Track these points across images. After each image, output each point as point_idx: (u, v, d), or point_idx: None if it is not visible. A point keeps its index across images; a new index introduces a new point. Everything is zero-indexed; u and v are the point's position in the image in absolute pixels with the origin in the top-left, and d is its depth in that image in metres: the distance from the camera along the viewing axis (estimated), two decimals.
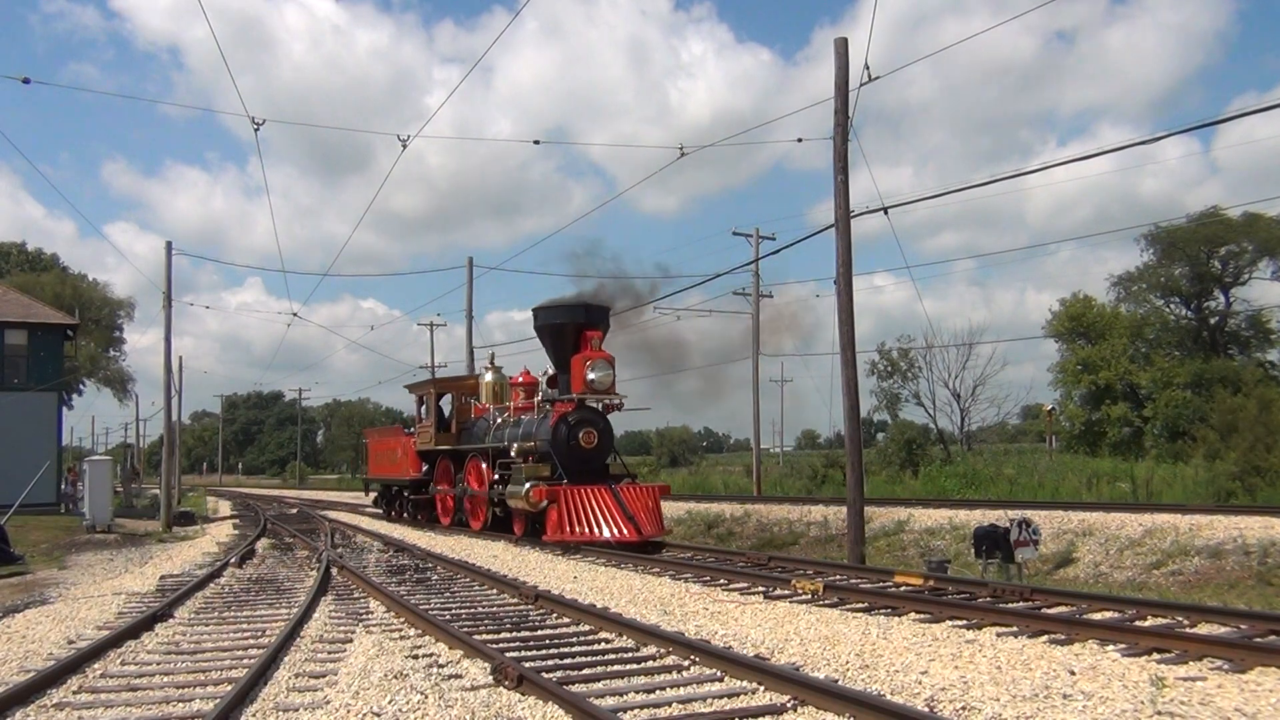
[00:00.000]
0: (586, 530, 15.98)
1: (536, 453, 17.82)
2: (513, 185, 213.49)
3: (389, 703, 6.00)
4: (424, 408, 23.31)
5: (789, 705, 5.75)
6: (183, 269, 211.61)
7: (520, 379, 20.60)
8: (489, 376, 22.28)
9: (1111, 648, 7.21)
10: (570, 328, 18.18)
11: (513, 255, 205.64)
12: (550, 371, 18.67)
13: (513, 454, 18.01)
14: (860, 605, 9.54)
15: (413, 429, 24.41)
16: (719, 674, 6.57)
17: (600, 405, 18.05)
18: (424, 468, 23.75)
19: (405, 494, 25.31)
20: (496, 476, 18.89)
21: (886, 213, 15.76)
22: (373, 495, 30.65)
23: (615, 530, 15.85)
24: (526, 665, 6.74)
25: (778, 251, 44.31)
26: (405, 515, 25.77)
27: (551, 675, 6.52)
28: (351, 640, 8.29)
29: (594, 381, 17.53)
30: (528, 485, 16.87)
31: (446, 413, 23.30)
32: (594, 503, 16.30)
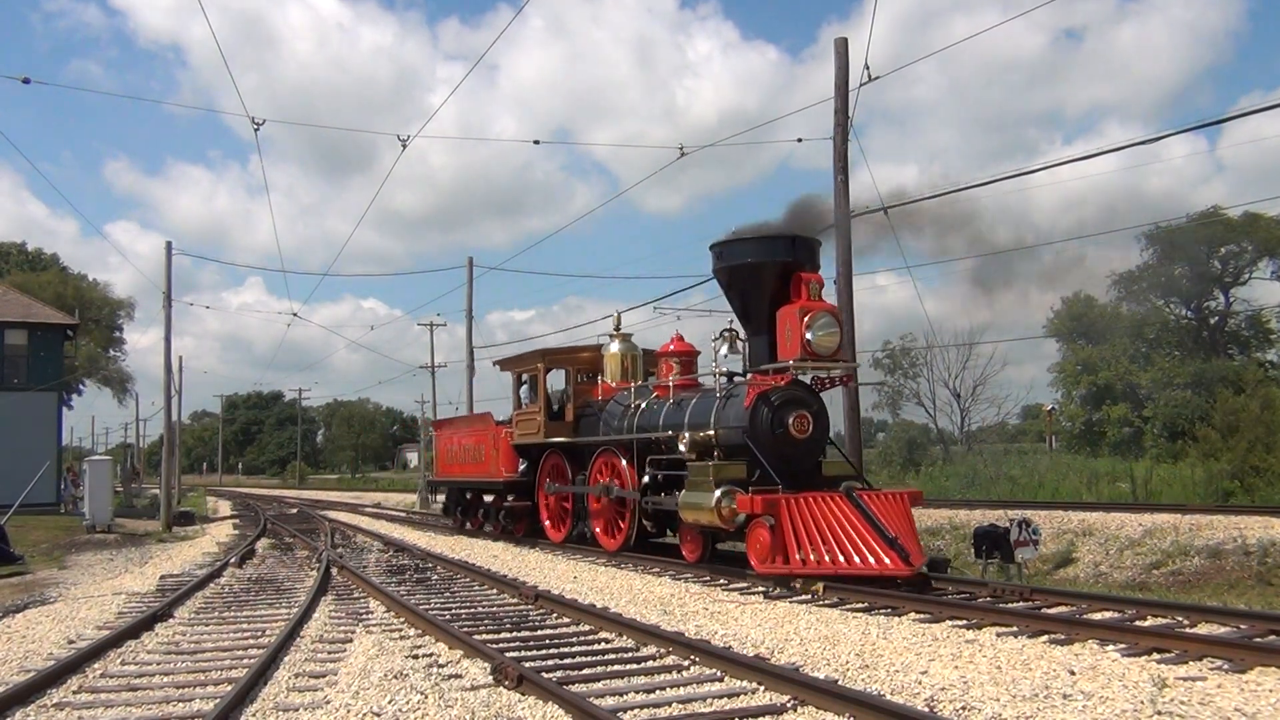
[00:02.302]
0: (827, 559, 10.57)
1: (722, 446, 12.63)
2: (516, 184, 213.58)
3: (389, 703, 6.01)
4: (525, 389, 17.75)
5: (789, 705, 5.76)
6: (184, 268, 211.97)
7: (671, 346, 15.42)
8: (615, 346, 16.78)
9: (1111, 648, 7.21)
10: (770, 269, 12.53)
11: (512, 255, 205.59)
12: (728, 334, 13.48)
13: (681, 447, 12.75)
14: (860, 605, 9.54)
15: (504, 418, 18.97)
16: (719, 674, 6.57)
17: (810, 379, 12.82)
18: (522, 466, 18.16)
19: (494, 499, 19.66)
20: (647, 479, 13.91)
21: (886, 213, 15.76)
22: (439, 501, 24.61)
23: (873, 559, 10.41)
24: (526, 665, 6.74)
25: None
26: (490, 526, 19.88)
27: (551, 675, 6.52)
28: (351, 640, 8.29)
29: (815, 344, 12.08)
30: (720, 493, 11.51)
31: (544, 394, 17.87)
32: (834, 518, 10.83)
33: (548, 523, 17.20)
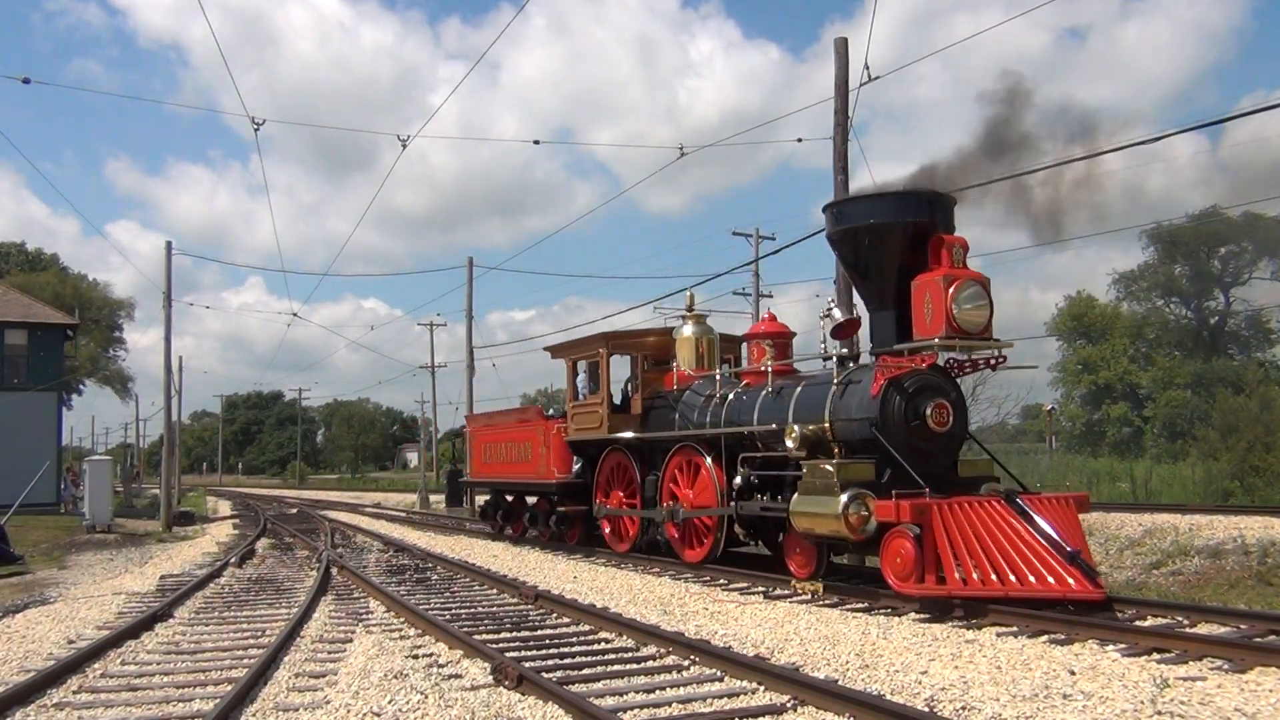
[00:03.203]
0: (994, 578, 8.66)
1: (840, 441, 10.68)
2: (517, 184, 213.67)
3: (389, 703, 6.01)
4: (582, 378, 15.63)
5: (789, 705, 5.76)
6: (184, 268, 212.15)
7: (762, 327, 13.18)
8: (689, 329, 14.56)
9: (1111, 648, 7.21)
10: (901, 231, 10.44)
11: (513, 255, 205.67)
12: (835, 313, 11.35)
13: (789, 444, 10.67)
14: (860, 605, 9.55)
15: (553, 411, 17.38)
16: (719, 674, 6.57)
17: (945, 362, 10.64)
18: (576, 465, 15.97)
19: (539, 502, 17.43)
20: (740, 480, 11.67)
21: None
22: (478, 504, 22.08)
23: (1052, 579, 8.58)
24: (526, 665, 6.74)
25: (777, 251, 44.29)
26: (536, 533, 17.59)
27: (551, 675, 6.52)
28: (351, 640, 8.29)
29: (962, 319, 9.97)
30: (848, 497, 9.57)
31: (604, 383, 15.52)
32: (998, 529, 8.96)
33: (608, 530, 14.92)
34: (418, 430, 75.48)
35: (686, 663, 6.97)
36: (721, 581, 11.53)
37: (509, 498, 18.85)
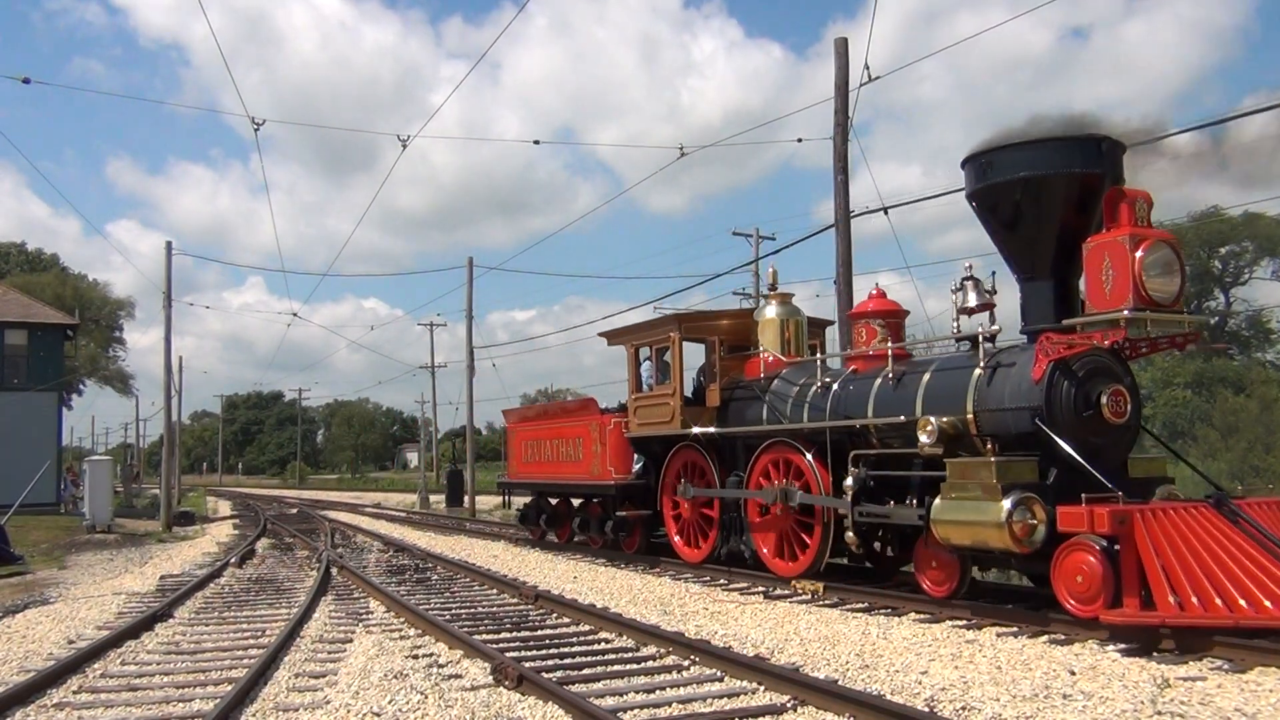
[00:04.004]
0: (1220, 603, 7.09)
1: (988, 435, 8.90)
2: (519, 183, 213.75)
3: (389, 703, 6.01)
4: (647, 366, 13.85)
5: (789, 705, 5.76)
6: (185, 268, 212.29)
7: (870, 305, 11.24)
8: (773, 310, 12.69)
9: (1111, 648, 7.21)
10: (1066, 184, 8.83)
11: (514, 255, 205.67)
12: (972, 282, 9.76)
13: (924, 439, 9.11)
14: (860, 605, 9.54)
15: (612, 405, 15.04)
16: (719, 674, 6.57)
17: (1108, 343, 8.73)
18: (637, 465, 14.26)
19: (594, 507, 15.42)
20: (853, 482, 9.97)
21: (887, 213, 15.74)
22: (519, 507, 19.49)
23: None
24: (526, 665, 6.74)
25: (777, 252, 44.22)
26: (588, 539, 15.49)
27: (551, 675, 6.52)
28: (351, 640, 8.30)
29: (1153, 289, 8.36)
30: (1012, 502, 7.96)
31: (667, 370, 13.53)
32: (1214, 542, 7.43)
33: (678, 537, 13.09)
34: (418, 430, 75.51)
35: (686, 663, 6.98)
36: (721, 581, 11.53)
37: (553, 501, 17.01)
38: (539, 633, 8.52)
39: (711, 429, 12.41)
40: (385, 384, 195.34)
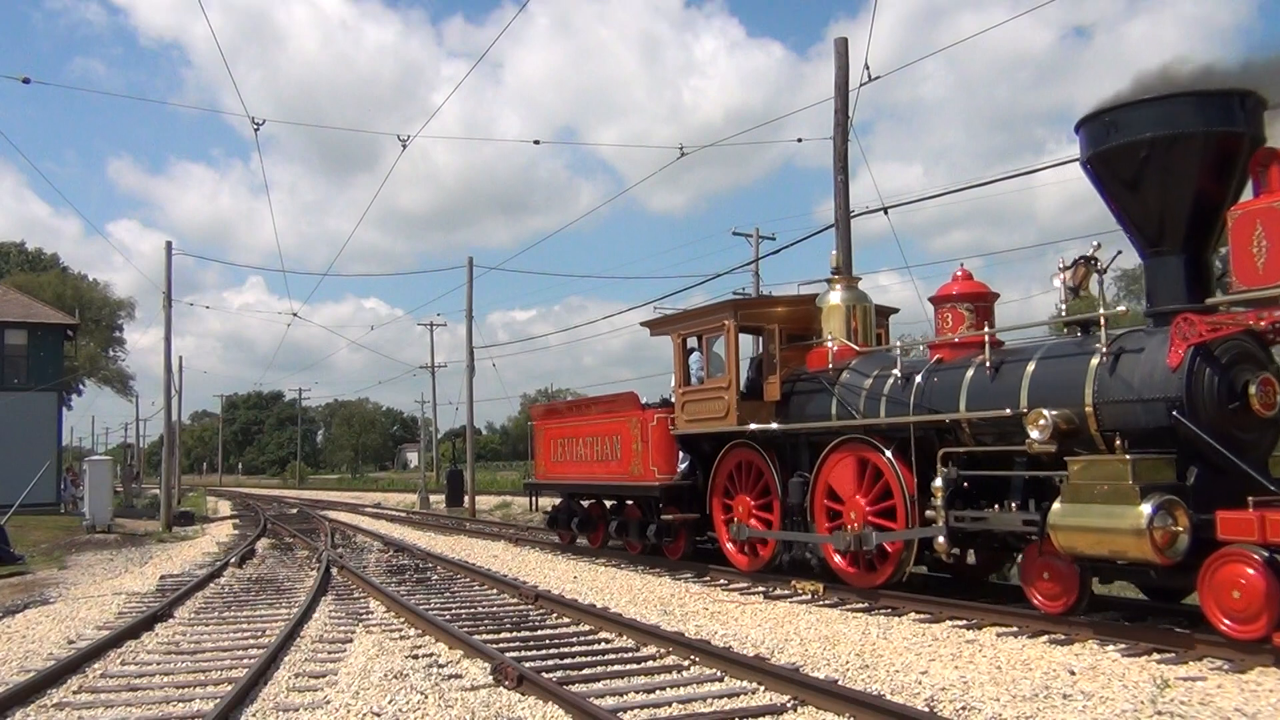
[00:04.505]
0: None
1: (1112, 431, 7.96)
2: (520, 183, 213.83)
3: (389, 703, 6.01)
4: (696, 358, 12.71)
5: (789, 705, 5.76)
6: (186, 268, 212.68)
7: (956, 288, 10.07)
8: (838, 295, 11.68)
9: (1111, 648, 7.21)
10: (1201, 145, 7.83)
11: (514, 255, 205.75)
12: (1085, 261, 8.68)
13: (1035, 434, 8.13)
14: (860, 605, 9.54)
15: (655, 401, 13.91)
16: (719, 674, 6.57)
17: (1264, 324, 7.65)
18: (683, 465, 13.15)
19: (632, 509, 14.22)
20: (941, 483, 8.97)
21: (887, 212, 15.74)
22: (545, 509, 18.33)
23: None
24: (526, 665, 6.74)
25: (777, 252, 44.28)
26: (626, 544, 14.44)
27: (551, 675, 6.52)
28: (351, 640, 8.30)
29: None
30: (1153, 507, 7.08)
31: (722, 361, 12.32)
32: None
33: (730, 545, 11.93)
34: (418, 430, 75.52)
35: (686, 663, 6.98)
36: (721, 582, 11.52)
37: (585, 503, 15.83)
38: (539, 633, 8.52)
39: (774, 425, 11.23)
40: (385, 384, 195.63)
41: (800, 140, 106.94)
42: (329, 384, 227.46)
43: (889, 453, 9.72)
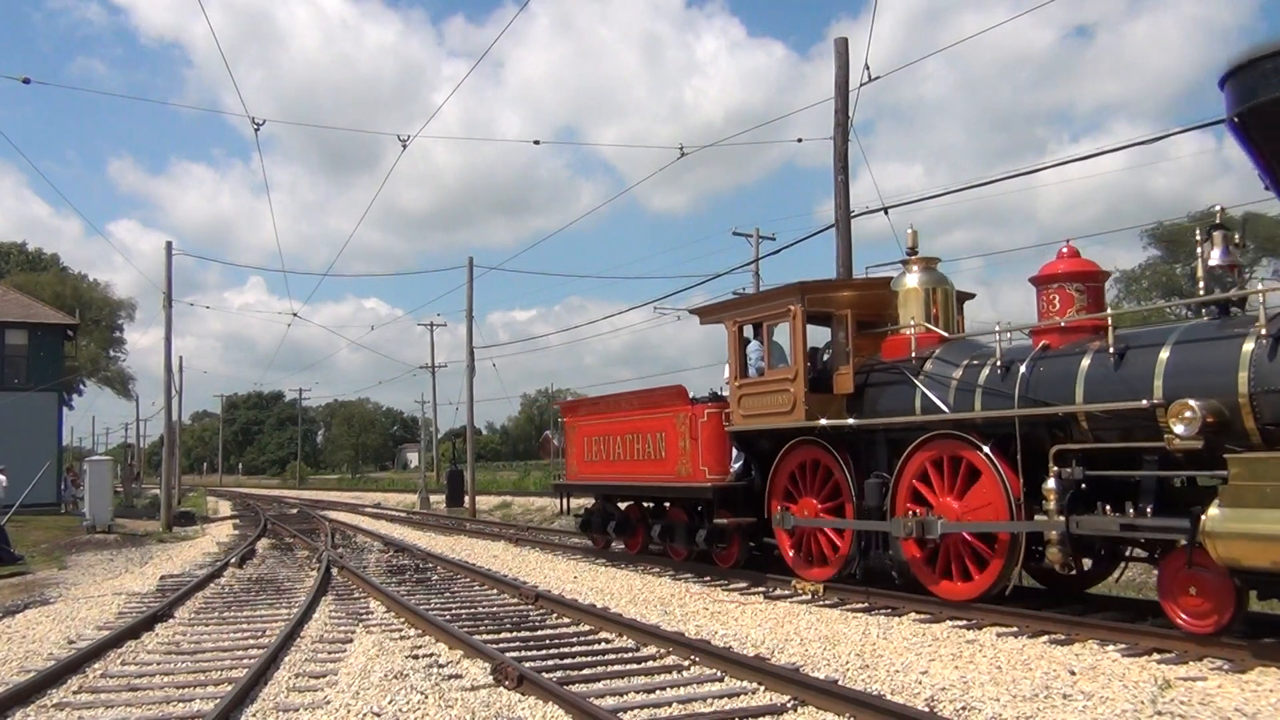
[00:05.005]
0: None
1: (1274, 423, 7.23)
2: (521, 182, 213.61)
3: (389, 703, 6.01)
4: (754, 347, 11.74)
5: (789, 705, 5.76)
6: (186, 268, 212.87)
7: (1061, 267, 9.03)
8: (915, 278, 10.57)
9: (1111, 648, 7.21)
10: None
11: (514, 255, 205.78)
12: (1222, 233, 7.82)
13: (1180, 429, 7.24)
14: (860, 605, 9.54)
15: (699, 395, 12.86)
16: (719, 674, 6.57)
17: None
18: (737, 464, 12.05)
19: (676, 512, 13.11)
20: (1055, 485, 8.00)
21: (887, 213, 15.72)
22: (575, 511, 17.13)
23: None
24: (527, 665, 6.74)
25: (777, 252, 44.26)
26: (670, 550, 13.37)
27: (552, 675, 6.52)
28: (352, 640, 8.30)
29: None
30: None
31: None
32: None
33: (793, 551, 10.99)
34: (418, 430, 75.53)
35: (686, 663, 6.97)
36: (721, 581, 11.52)
37: (621, 505, 14.80)
38: (539, 633, 8.52)
39: (851, 420, 10.23)
40: (385, 384, 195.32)
41: (800, 140, 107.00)
42: (329, 384, 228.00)
43: (984, 450, 8.76)
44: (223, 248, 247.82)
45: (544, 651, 7.62)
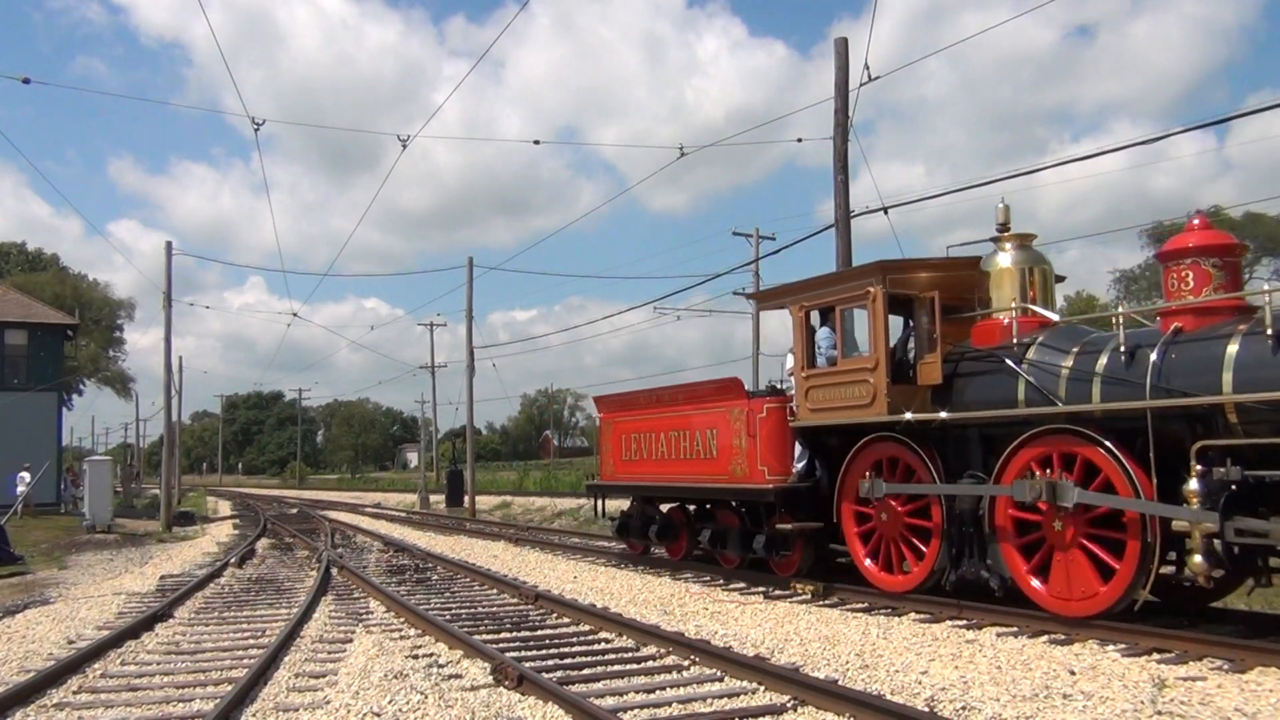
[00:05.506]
0: None
1: None
2: (522, 182, 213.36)
3: (389, 703, 6.01)
4: (825, 334, 10.68)
5: (789, 705, 5.76)
6: (187, 268, 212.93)
7: (1191, 240, 8.05)
8: (1009, 257, 9.59)
9: (1111, 648, 7.21)
10: None
11: (514, 254, 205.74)
12: None
13: None
14: (860, 605, 9.54)
15: (757, 389, 12.27)
16: (719, 674, 6.57)
17: None
18: (800, 464, 10.95)
19: (727, 515, 12.04)
20: (1197, 486, 7.05)
21: (886, 212, 15.71)
22: (613, 514, 15.15)
23: None
24: (527, 665, 6.74)
25: (776, 252, 44.26)
26: (720, 556, 12.16)
27: (551, 675, 6.52)
28: (351, 640, 8.30)
29: None
30: None
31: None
32: None
33: (868, 561, 10.00)
34: (418, 430, 75.53)
35: (686, 663, 6.97)
36: (721, 581, 11.52)
37: (663, 508, 13.71)
38: (539, 633, 8.52)
39: (943, 413, 9.24)
40: (385, 384, 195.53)
41: (800, 140, 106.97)
42: (329, 384, 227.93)
43: (1106, 447, 7.77)
44: (223, 248, 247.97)
45: (544, 651, 7.61)
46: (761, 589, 10.75)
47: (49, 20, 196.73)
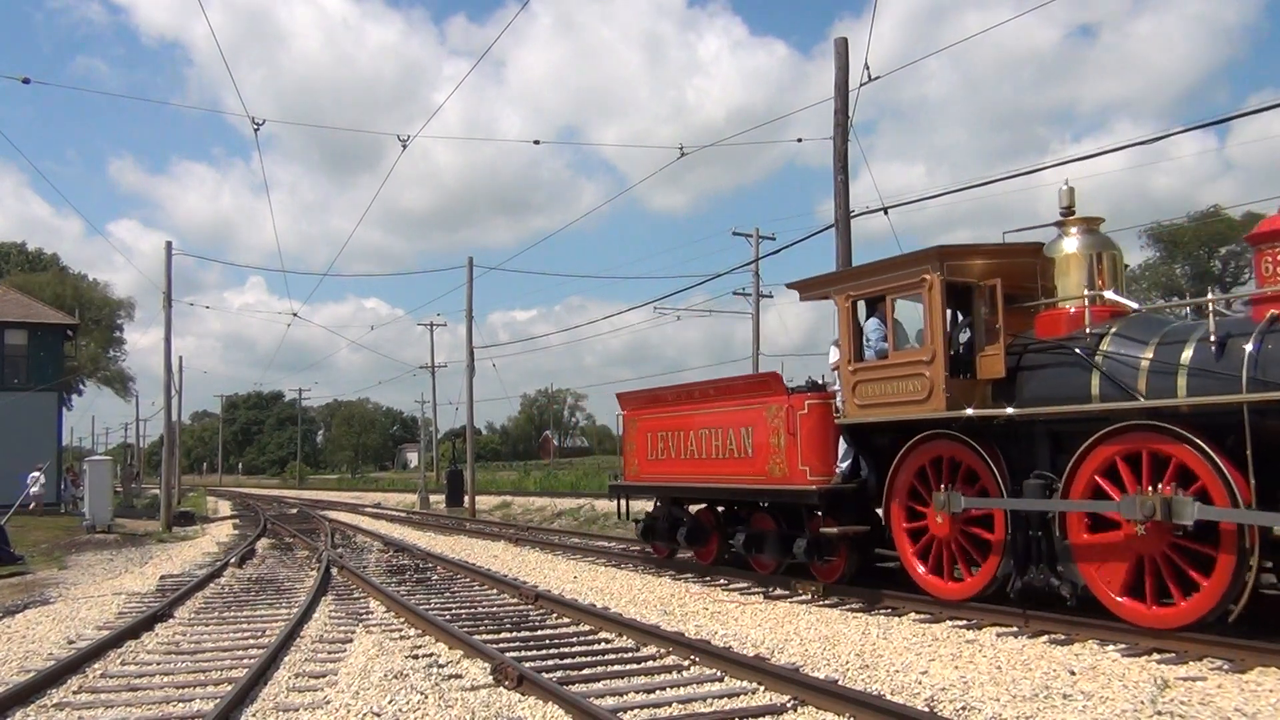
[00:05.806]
0: None
1: None
2: (522, 182, 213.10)
3: (389, 703, 6.01)
4: (875, 324, 10.07)
5: (789, 705, 5.76)
6: (187, 268, 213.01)
7: None
8: (1075, 242, 9.00)
9: (1111, 648, 7.21)
10: None
11: (514, 254, 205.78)
12: None
13: None
14: (860, 605, 9.54)
15: (805, 384, 11.08)
16: (719, 674, 6.57)
17: None
18: (844, 464, 10.34)
19: (762, 518, 11.32)
20: None
21: (887, 213, 15.71)
22: (637, 515, 14.23)
23: None
24: (527, 665, 6.74)
25: (776, 252, 44.28)
26: (755, 562, 11.57)
27: (552, 675, 6.52)
28: (351, 640, 8.30)
29: None
30: None
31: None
32: None
33: (922, 568, 9.37)
34: (418, 430, 75.55)
35: (686, 663, 6.98)
36: (721, 581, 11.52)
37: (692, 509, 13.12)
38: (539, 633, 8.52)
39: (1009, 409, 8.59)
40: (385, 384, 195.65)
41: (800, 140, 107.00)
42: (329, 384, 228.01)
43: (1198, 448, 7.13)
44: (223, 248, 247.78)
45: (544, 651, 7.62)
46: (761, 589, 10.75)
47: (49, 20, 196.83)
